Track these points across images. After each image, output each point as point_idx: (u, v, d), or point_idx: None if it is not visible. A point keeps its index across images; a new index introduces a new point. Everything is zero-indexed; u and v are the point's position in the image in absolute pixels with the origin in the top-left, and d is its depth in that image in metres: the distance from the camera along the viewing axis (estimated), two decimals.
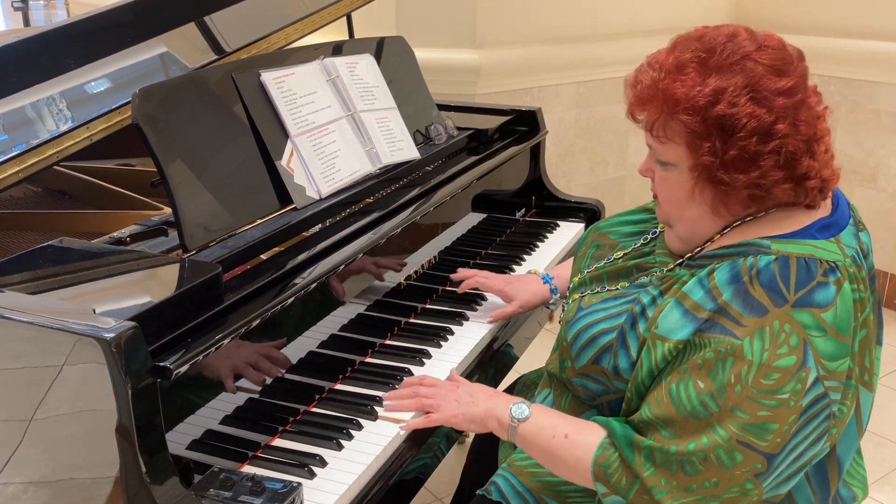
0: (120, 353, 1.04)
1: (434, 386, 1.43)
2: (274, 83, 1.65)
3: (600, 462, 1.19)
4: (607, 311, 1.31)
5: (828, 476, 1.25)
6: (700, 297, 1.16)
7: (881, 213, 3.62)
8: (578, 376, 1.33)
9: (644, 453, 1.15)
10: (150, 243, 1.47)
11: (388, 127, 1.87)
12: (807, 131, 1.15)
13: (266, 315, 1.31)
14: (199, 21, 1.87)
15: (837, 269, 1.14)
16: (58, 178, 1.98)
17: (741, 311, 1.12)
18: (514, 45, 3.18)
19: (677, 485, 1.13)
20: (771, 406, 1.10)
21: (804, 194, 1.18)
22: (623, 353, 1.25)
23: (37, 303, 1.17)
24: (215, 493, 1.13)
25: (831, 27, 3.62)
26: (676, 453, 1.13)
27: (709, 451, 1.11)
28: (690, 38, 1.20)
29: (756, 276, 1.13)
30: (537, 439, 1.28)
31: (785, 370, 1.09)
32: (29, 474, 1.15)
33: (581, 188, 3.49)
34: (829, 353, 1.12)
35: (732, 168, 1.14)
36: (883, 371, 3.18)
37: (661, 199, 1.28)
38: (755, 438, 1.10)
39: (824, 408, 1.12)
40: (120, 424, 1.06)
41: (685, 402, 1.14)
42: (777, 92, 1.13)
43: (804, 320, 1.11)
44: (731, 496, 1.13)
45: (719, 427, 1.11)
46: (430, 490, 2.45)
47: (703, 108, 1.13)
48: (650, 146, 1.25)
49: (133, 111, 1.40)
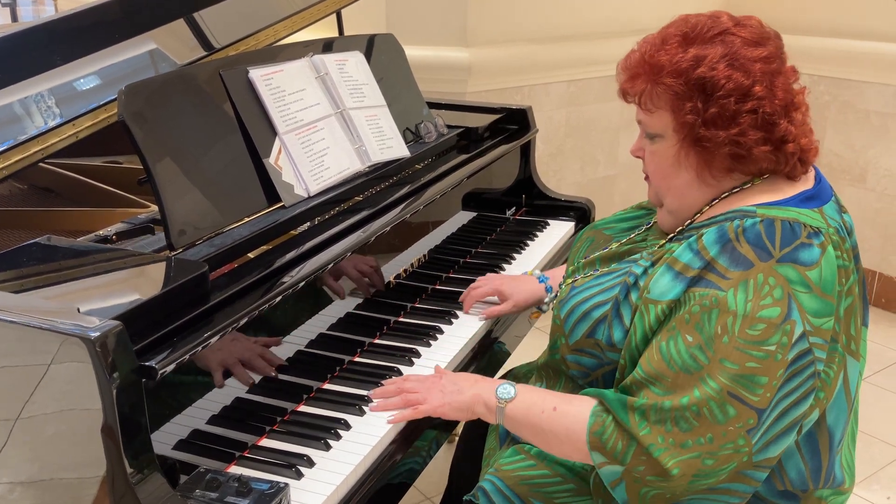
0: (105, 353, 1.02)
1: (418, 381, 1.44)
2: (262, 80, 1.64)
3: (595, 430, 1.20)
4: (600, 286, 1.34)
5: (819, 447, 1.26)
6: (689, 259, 1.20)
7: (870, 212, 3.63)
8: (572, 352, 1.34)
9: (638, 413, 1.16)
10: (137, 242, 1.46)
11: (377, 125, 1.87)
12: (784, 97, 1.21)
13: (253, 314, 1.30)
14: (187, 17, 1.86)
15: (821, 234, 1.18)
16: (44, 176, 1.96)
17: (727, 265, 1.16)
18: (505, 43, 3.17)
19: (674, 441, 1.14)
20: (759, 357, 1.13)
21: (784, 160, 1.23)
22: (617, 323, 1.27)
23: (21, 302, 1.15)
24: (201, 494, 1.12)
25: (822, 27, 3.63)
26: (671, 409, 1.14)
27: (702, 405, 1.13)
28: (676, 20, 1.29)
29: (742, 234, 1.17)
30: (527, 417, 1.29)
31: (769, 321, 1.13)
32: (15, 474, 1.14)
33: (571, 187, 3.49)
34: (814, 310, 1.15)
35: (713, 125, 1.20)
36: (870, 369, 3.19)
37: (651, 172, 1.33)
38: (745, 392, 1.13)
39: (809, 364, 1.15)
40: (105, 424, 1.05)
41: (675, 357, 1.16)
42: (754, 59, 1.20)
43: (789, 275, 1.14)
44: (726, 453, 1.14)
45: (710, 379, 1.13)
46: (419, 489, 2.45)
47: (685, 70, 1.21)
48: (640, 122, 1.30)
49: (119, 108, 1.39)
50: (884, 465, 2.64)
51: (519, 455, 1.44)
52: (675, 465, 1.14)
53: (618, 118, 3.58)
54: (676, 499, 1.17)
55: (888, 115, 3.49)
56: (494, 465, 1.44)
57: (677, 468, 1.13)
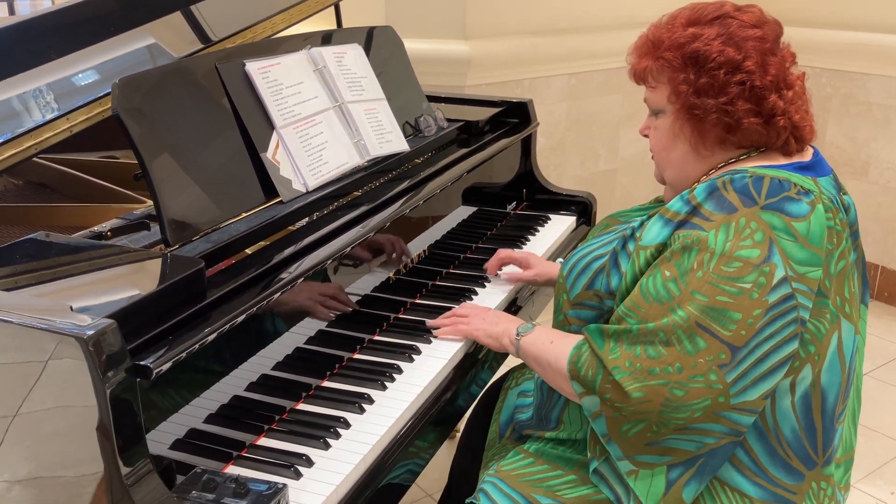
0: (98, 352, 1.01)
1: (471, 307, 1.66)
2: (259, 73, 1.62)
3: (574, 360, 1.28)
4: (601, 241, 1.41)
5: (812, 408, 1.26)
6: (678, 207, 1.26)
7: (873, 205, 3.61)
8: (573, 307, 1.39)
9: (612, 339, 1.24)
10: (133, 238, 1.44)
11: (376, 118, 1.84)
12: (776, 74, 1.27)
13: (251, 311, 1.28)
14: (184, 10, 1.84)
15: (811, 194, 1.22)
16: (39, 171, 1.94)
17: (711, 209, 1.22)
18: (505, 36, 3.15)
19: (641, 367, 1.19)
20: (731, 293, 1.17)
21: (776, 134, 1.28)
22: (615, 272, 1.33)
23: (15, 299, 1.13)
24: (198, 496, 1.10)
25: (823, 19, 3.60)
26: (639, 332, 1.21)
27: (669, 332, 1.18)
28: (686, 6, 1.36)
29: (730, 183, 1.23)
30: (532, 348, 1.41)
31: (747, 261, 1.17)
32: (13, 472, 1.13)
33: (572, 181, 3.47)
34: (799, 259, 1.19)
35: (704, 94, 1.26)
36: (874, 363, 3.18)
37: (653, 148, 1.39)
38: (717, 325, 1.17)
39: (791, 309, 1.18)
40: (100, 424, 1.03)
41: (651, 289, 1.23)
42: (748, 38, 1.27)
43: (773, 221, 1.19)
44: (696, 386, 1.17)
45: (679, 309, 1.19)
46: (420, 486, 2.43)
47: (681, 45, 1.28)
48: (647, 100, 1.37)
49: (113, 102, 1.37)
50: (888, 461, 2.62)
51: (518, 455, 1.45)
52: (636, 388, 1.18)
53: (619, 111, 3.56)
54: (656, 437, 1.20)
55: (891, 107, 3.47)
56: (494, 467, 1.44)
57: (640, 392, 1.18)
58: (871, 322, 3.50)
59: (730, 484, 1.26)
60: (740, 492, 1.26)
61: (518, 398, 1.62)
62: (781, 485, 1.27)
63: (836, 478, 1.35)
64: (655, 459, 1.22)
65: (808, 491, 1.29)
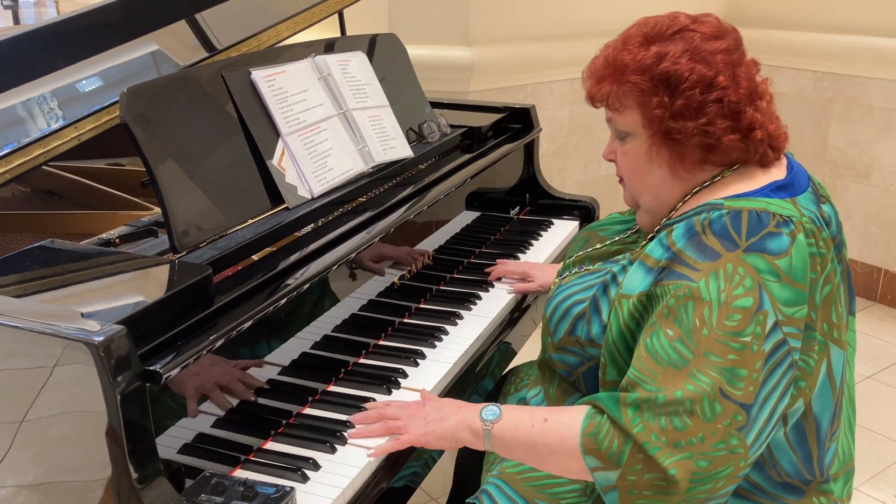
0: (108, 357, 1.02)
1: (400, 407, 1.37)
2: (264, 81, 1.64)
3: (589, 431, 1.15)
4: (582, 284, 1.36)
5: (807, 437, 1.25)
6: (658, 254, 1.22)
7: (875, 209, 3.62)
8: (557, 351, 1.36)
9: (632, 408, 1.13)
10: (140, 244, 1.45)
11: (380, 125, 1.86)
12: (748, 86, 1.24)
13: (258, 317, 1.29)
14: (189, 18, 1.85)
15: (791, 223, 1.18)
16: (46, 179, 1.95)
17: (695, 257, 1.17)
18: (507, 42, 3.17)
19: (667, 441, 1.10)
20: (737, 349, 1.12)
21: (754, 148, 1.24)
22: (596, 319, 1.29)
23: (24, 306, 1.15)
24: (207, 499, 1.11)
25: (824, 23, 3.61)
26: (665, 403, 1.11)
27: (696, 400, 1.10)
28: (635, 23, 1.32)
29: (709, 226, 1.18)
30: (516, 434, 1.24)
31: (744, 311, 1.13)
32: (20, 477, 1.14)
33: (575, 186, 3.48)
34: (785, 299, 1.15)
35: (681, 117, 1.22)
36: (876, 367, 3.18)
37: (625, 173, 1.34)
38: (729, 386, 1.11)
39: (786, 355, 1.15)
40: (109, 428, 1.04)
41: (661, 352, 1.15)
42: (715, 51, 1.23)
43: (757, 264, 1.14)
44: (720, 454, 1.11)
45: (700, 374, 1.12)
46: (425, 489, 2.44)
47: (649, 66, 1.23)
48: (610, 121, 1.33)
49: (121, 110, 1.38)
50: (891, 464, 2.63)
51: None
52: (672, 464, 1.09)
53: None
54: None
55: (892, 110, 3.48)
56: (498, 468, 1.44)
57: (674, 468, 1.09)
58: (875, 325, 3.51)
59: None
60: None
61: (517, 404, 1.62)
62: (783, 501, 1.27)
63: (836, 493, 1.34)
64: None
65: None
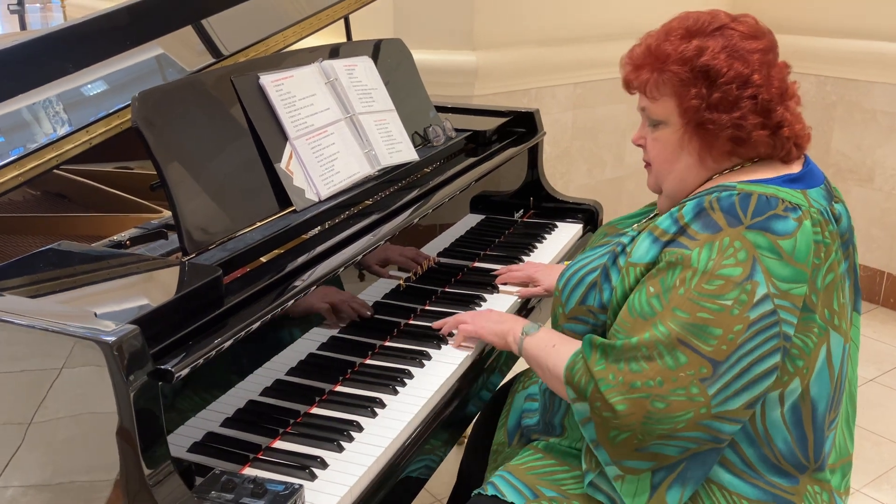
0: (121, 357, 1.04)
1: (473, 314, 1.67)
2: (273, 86, 1.66)
3: (570, 366, 1.31)
4: (593, 255, 1.42)
5: (802, 418, 1.29)
6: (667, 225, 1.28)
7: (878, 212, 3.63)
8: (568, 321, 1.42)
9: (599, 350, 1.27)
10: (150, 246, 1.47)
11: (386, 129, 1.88)
12: (779, 86, 1.31)
13: (267, 317, 1.31)
14: (196, 24, 1.87)
15: (800, 210, 1.24)
16: (57, 182, 1.98)
17: (698, 229, 1.24)
18: (512, 46, 3.18)
19: (623, 380, 1.22)
20: (711, 310, 1.19)
21: (781, 145, 1.31)
22: (606, 287, 1.35)
23: (37, 306, 1.17)
24: (217, 496, 1.13)
25: (828, 27, 3.63)
26: (622, 347, 1.24)
27: (651, 347, 1.21)
28: (677, 17, 1.37)
29: (717, 202, 1.25)
30: (534, 349, 1.44)
31: (728, 278, 1.19)
32: (28, 477, 1.15)
33: (579, 189, 3.49)
34: (783, 276, 1.20)
35: (716, 109, 1.28)
36: (880, 369, 3.19)
37: (653, 159, 1.40)
38: (697, 341, 1.19)
39: (773, 324, 1.20)
40: (121, 427, 1.06)
41: (636, 305, 1.26)
42: (752, 50, 1.29)
43: (757, 241, 1.20)
44: (677, 399, 1.19)
45: (660, 324, 1.22)
46: (429, 490, 2.46)
47: (689, 58, 1.29)
48: (643, 109, 1.38)
49: (133, 114, 1.40)
50: (893, 465, 2.64)
51: (528, 451, 1.48)
52: (620, 401, 1.21)
53: (625, 120, 3.59)
54: (642, 444, 1.22)
55: (895, 114, 3.49)
56: (504, 465, 1.46)
57: (623, 405, 1.21)
58: (878, 328, 3.52)
59: (727, 487, 1.28)
60: (738, 494, 1.28)
61: (525, 402, 1.64)
62: (778, 486, 1.29)
63: (834, 483, 1.37)
64: (641, 465, 1.24)
65: (805, 493, 1.31)
